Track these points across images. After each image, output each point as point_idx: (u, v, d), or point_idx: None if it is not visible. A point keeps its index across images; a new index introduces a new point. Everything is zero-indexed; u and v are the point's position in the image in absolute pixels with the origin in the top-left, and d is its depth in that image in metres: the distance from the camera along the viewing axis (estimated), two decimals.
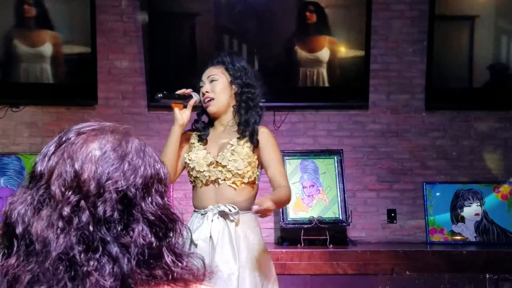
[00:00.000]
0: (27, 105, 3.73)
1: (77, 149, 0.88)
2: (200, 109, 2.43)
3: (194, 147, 2.37)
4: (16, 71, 3.73)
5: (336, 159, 3.78)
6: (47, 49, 3.70)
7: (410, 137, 3.96)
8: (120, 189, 0.86)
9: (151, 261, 0.86)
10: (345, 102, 3.90)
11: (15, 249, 0.85)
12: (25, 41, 3.70)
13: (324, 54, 3.90)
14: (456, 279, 3.34)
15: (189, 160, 2.33)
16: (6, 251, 0.86)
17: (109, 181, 0.86)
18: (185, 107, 2.35)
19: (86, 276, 0.82)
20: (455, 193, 3.86)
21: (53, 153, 0.89)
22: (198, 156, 2.31)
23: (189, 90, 2.36)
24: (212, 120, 2.43)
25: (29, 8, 3.69)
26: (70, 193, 0.85)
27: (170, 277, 0.87)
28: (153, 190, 0.89)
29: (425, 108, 3.94)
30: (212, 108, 2.36)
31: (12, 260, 0.84)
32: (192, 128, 2.44)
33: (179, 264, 0.88)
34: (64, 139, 0.90)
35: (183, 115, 2.35)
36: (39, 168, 0.88)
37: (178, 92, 2.35)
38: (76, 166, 0.86)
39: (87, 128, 0.92)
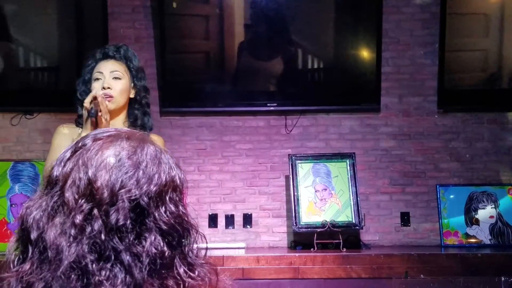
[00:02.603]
0: (40, 112, 3.76)
1: (92, 155, 0.87)
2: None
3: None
4: (29, 79, 3.76)
5: (348, 163, 3.77)
6: None
7: (423, 139, 3.94)
8: (133, 197, 0.85)
9: (163, 271, 0.85)
10: (357, 105, 3.90)
11: (29, 255, 0.85)
12: None
13: (335, 57, 3.89)
14: (471, 282, 3.31)
15: None
16: (21, 256, 0.86)
17: (123, 190, 0.85)
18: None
19: (98, 286, 0.81)
20: (469, 195, 3.83)
21: (69, 159, 0.89)
22: None
23: (94, 91, 2.17)
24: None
25: None
26: (83, 201, 0.84)
27: (182, 287, 0.86)
28: (167, 198, 0.88)
29: (437, 110, 3.93)
30: (110, 106, 2.20)
31: (27, 266, 0.84)
32: (77, 124, 2.27)
33: (192, 274, 0.87)
34: (80, 145, 0.90)
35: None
36: (55, 173, 0.88)
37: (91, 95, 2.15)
38: (90, 174, 0.85)
39: (104, 134, 0.91)
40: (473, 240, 3.76)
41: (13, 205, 3.69)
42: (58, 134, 2.28)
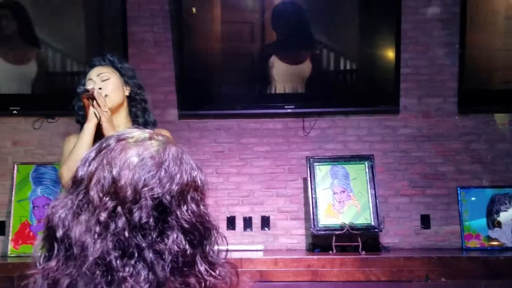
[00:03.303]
0: (62, 116, 3.82)
1: (116, 155, 0.89)
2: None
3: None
4: (51, 83, 3.82)
5: (367, 164, 3.74)
6: None
7: (443, 141, 3.89)
8: (156, 196, 0.87)
9: (185, 268, 0.86)
10: (376, 106, 3.87)
11: (55, 252, 0.87)
12: None
13: (353, 58, 3.88)
14: (493, 286, 3.26)
15: None
16: (47, 254, 0.88)
17: (145, 188, 0.87)
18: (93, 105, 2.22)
19: (122, 282, 0.83)
20: (491, 197, 3.78)
21: (93, 158, 0.91)
22: None
23: (91, 86, 2.23)
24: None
25: None
26: (107, 198, 0.86)
27: (203, 285, 0.87)
28: (189, 197, 0.90)
29: (458, 111, 3.88)
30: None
31: (53, 263, 0.86)
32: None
33: (213, 273, 0.89)
34: (104, 145, 0.92)
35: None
36: (80, 173, 0.91)
37: (89, 87, 2.21)
38: (114, 173, 0.88)
39: (127, 135, 0.93)
40: (495, 243, 3.70)
41: (35, 207, 3.75)
42: (67, 143, 2.35)
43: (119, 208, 0.86)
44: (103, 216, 0.85)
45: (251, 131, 3.88)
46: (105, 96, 2.23)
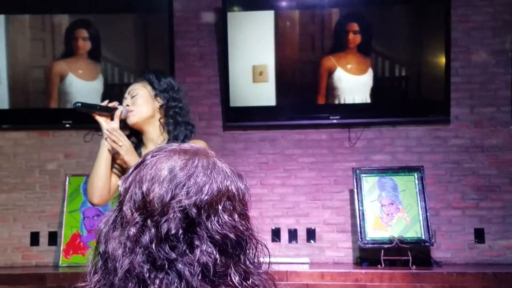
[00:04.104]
0: None
1: (147, 171, 0.92)
2: (129, 130, 2.35)
3: (128, 169, 2.26)
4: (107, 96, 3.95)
5: (416, 176, 3.64)
6: None
7: (497, 151, 3.74)
8: (183, 207, 0.87)
9: (216, 279, 0.86)
10: (425, 117, 3.77)
11: (99, 265, 0.90)
12: None
13: (401, 68, 3.81)
14: None
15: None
16: (94, 267, 0.92)
17: (173, 200, 0.88)
18: (112, 119, 2.26)
19: None
20: None
21: (130, 174, 0.94)
22: None
23: (114, 103, 2.29)
24: (142, 139, 2.35)
25: None
26: (137, 213, 0.88)
27: None
28: (220, 207, 0.89)
29: None
30: (132, 119, 2.29)
31: (96, 277, 0.90)
32: None
33: (245, 283, 0.88)
34: (141, 161, 0.95)
35: (109, 127, 2.25)
36: (120, 189, 0.94)
37: (102, 104, 2.28)
38: (144, 188, 0.90)
39: (162, 150, 0.95)
40: None
41: (86, 218, 3.84)
42: None
43: (148, 222, 0.87)
44: (132, 230, 0.87)
45: (296, 142, 3.86)
46: (131, 111, 2.29)
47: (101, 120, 2.27)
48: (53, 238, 3.86)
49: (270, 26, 3.80)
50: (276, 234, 3.77)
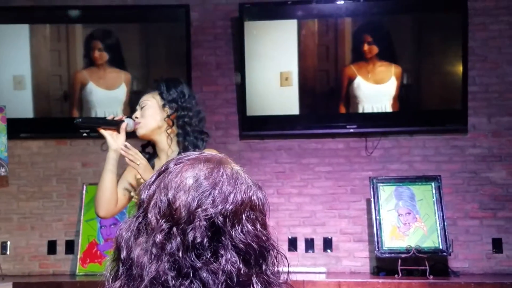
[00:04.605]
0: (128, 138, 3.94)
1: (172, 178, 0.92)
2: (145, 140, 2.35)
3: (141, 181, 2.26)
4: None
5: (433, 185, 3.62)
6: None
7: None
8: (209, 216, 0.88)
9: None
10: (442, 126, 3.76)
11: (120, 272, 0.90)
12: None
13: (418, 76, 3.80)
14: None
15: (137, 195, 2.24)
16: (114, 274, 0.92)
17: (199, 209, 0.88)
18: (119, 132, 2.25)
19: None
20: None
21: (153, 182, 0.94)
22: None
23: (121, 116, 2.29)
24: (156, 150, 2.34)
25: None
26: (163, 221, 0.89)
27: None
28: (244, 217, 0.90)
29: None
30: (140, 131, 2.28)
31: (118, 284, 0.90)
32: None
33: None
34: (163, 168, 0.95)
35: (117, 141, 2.24)
36: (142, 196, 0.94)
37: (109, 117, 2.28)
38: (170, 195, 0.90)
39: (185, 158, 0.96)
40: None
41: (103, 227, 3.86)
42: (125, 172, 2.42)
43: (174, 229, 0.88)
44: (158, 237, 0.88)
45: (312, 151, 3.86)
46: (138, 123, 2.28)
47: (106, 134, 2.25)
48: (70, 247, 3.88)
49: (292, 35, 3.81)
50: (292, 244, 3.76)
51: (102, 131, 2.26)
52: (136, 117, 2.30)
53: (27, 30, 3.94)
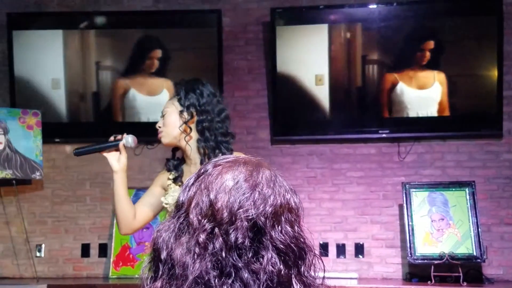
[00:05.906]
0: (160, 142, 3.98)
1: (212, 180, 0.93)
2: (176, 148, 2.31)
3: (170, 188, 2.24)
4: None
5: (467, 191, 3.58)
6: None
7: None
8: (250, 217, 0.89)
9: None
10: (477, 131, 3.72)
11: (160, 273, 0.92)
12: None
13: (452, 81, 3.75)
14: None
15: (166, 204, 2.21)
16: (153, 275, 0.93)
17: (241, 210, 0.89)
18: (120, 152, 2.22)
19: None
20: None
21: (193, 184, 0.95)
22: (175, 198, 2.11)
23: (120, 136, 2.25)
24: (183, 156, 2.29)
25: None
26: (205, 221, 0.90)
27: None
28: (283, 219, 0.91)
29: None
30: (163, 140, 2.25)
31: (158, 284, 0.91)
32: (165, 168, 2.31)
33: None
34: (202, 171, 0.97)
35: (119, 161, 2.22)
36: (181, 198, 0.96)
37: (110, 138, 2.25)
38: (211, 196, 0.91)
39: (223, 161, 0.97)
40: None
41: None
42: (156, 178, 2.40)
43: (216, 230, 0.89)
44: (201, 237, 0.89)
45: (344, 156, 3.84)
46: (160, 133, 2.26)
47: (109, 156, 2.23)
48: (103, 250, 3.93)
49: (324, 39, 3.79)
50: (324, 249, 3.75)
51: (105, 154, 2.24)
52: (159, 127, 2.27)
53: (61, 35, 4.00)
